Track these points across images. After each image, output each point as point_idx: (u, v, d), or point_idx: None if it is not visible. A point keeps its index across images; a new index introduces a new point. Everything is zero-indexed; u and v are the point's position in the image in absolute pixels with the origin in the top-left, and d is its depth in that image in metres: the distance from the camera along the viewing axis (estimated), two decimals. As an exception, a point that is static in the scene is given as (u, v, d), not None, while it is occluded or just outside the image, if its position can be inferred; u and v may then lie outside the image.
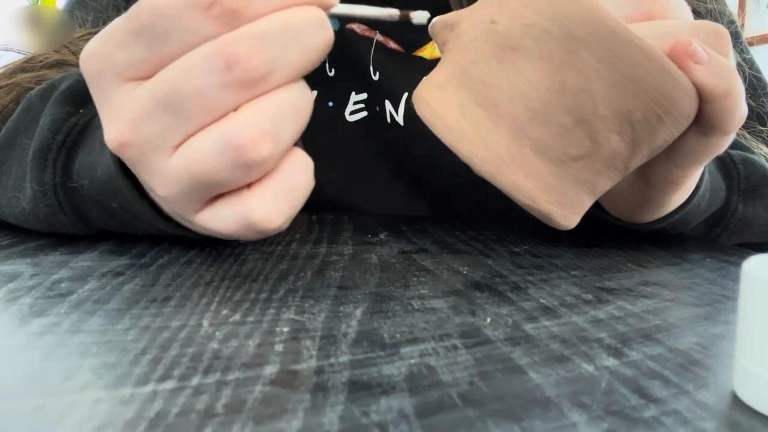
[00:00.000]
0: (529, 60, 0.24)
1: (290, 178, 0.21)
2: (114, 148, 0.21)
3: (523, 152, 0.25)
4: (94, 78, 0.21)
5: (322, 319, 0.20)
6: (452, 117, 0.25)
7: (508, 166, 0.25)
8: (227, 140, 0.19)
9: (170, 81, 0.20)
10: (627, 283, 0.27)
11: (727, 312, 0.23)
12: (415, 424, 0.13)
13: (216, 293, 0.22)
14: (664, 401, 0.15)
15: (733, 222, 0.37)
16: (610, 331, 0.20)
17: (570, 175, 0.25)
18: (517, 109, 0.24)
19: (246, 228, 0.21)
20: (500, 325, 0.20)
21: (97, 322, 0.19)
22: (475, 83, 0.25)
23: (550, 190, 0.25)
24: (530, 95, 0.24)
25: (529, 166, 0.25)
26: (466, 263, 0.29)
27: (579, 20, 0.23)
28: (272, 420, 0.13)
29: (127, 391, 0.14)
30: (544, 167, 0.25)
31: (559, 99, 0.24)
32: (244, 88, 0.20)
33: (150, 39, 0.20)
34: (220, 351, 0.17)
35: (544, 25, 0.24)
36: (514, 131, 0.25)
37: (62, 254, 0.27)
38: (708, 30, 0.25)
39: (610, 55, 0.23)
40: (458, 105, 0.25)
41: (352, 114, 0.49)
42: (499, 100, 0.25)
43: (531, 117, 0.24)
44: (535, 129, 0.24)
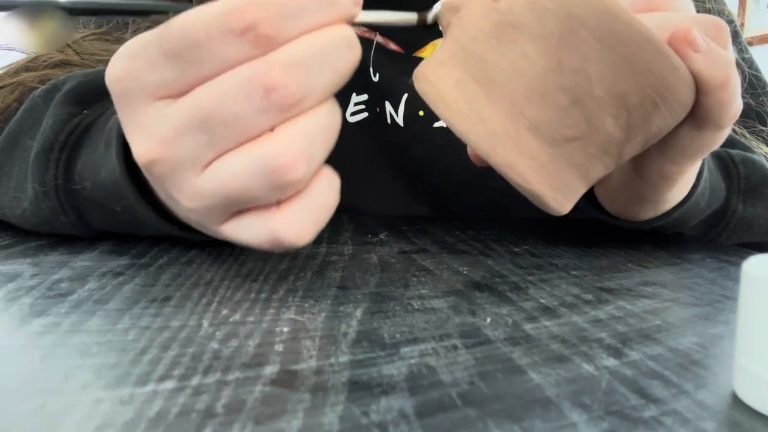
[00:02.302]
0: (529, 38, 0.24)
1: (319, 197, 0.22)
2: (143, 165, 0.21)
3: (518, 131, 0.25)
4: (123, 97, 0.21)
5: (322, 319, 0.20)
6: (450, 93, 0.25)
7: (503, 144, 0.25)
8: (265, 163, 0.20)
9: (205, 103, 0.20)
10: (627, 283, 0.27)
11: (727, 312, 0.23)
12: (415, 424, 0.13)
13: (216, 293, 0.22)
14: (664, 401, 0.15)
15: (733, 222, 0.37)
16: (610, 331, 0.20)
17: (564, 158, 0.25)
18: (515, 87, 0.24)
19: (273, 244, 0.21)
20: (500, 325, 0.20)
21: (97, 322, 0.19)
22: (474, 60, 0.25)
23: (544, 172, 0.25)
24: (528, 74, 0.24)
25: (524, 144, 0.25)
26: (466, 263, 0.29)
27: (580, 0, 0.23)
28: (272, 420, 0.13)
29: (127, 391, 0.14)
30: (538, 147, 0.25)
31: (556, 78, 0.24)
32: (281, 112, 0.20)
33: (182, 61, 0.20)
34: (220, 351, 0.17)
35: (545, 4, 0.23)
36: (511, 109, 0.25)
37: (62, 254, 0.27)
38: (707, 22, 0.25)
39: (609, 36, 0.23)
40: (456, 81, 0.25)
41: (353, 115, 0.49)
42: (497, 77, 0.25)
43: (528, 95, 0.24)
44: (532, 108, 0.24)
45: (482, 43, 0.25)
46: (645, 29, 0.23)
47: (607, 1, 0.23)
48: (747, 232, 0.38)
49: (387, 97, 0.48)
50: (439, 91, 0.25)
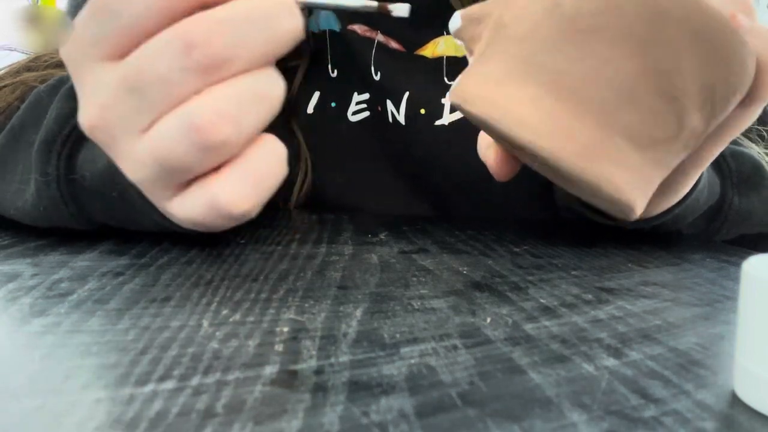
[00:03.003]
0: (610, 41, 0.22)
1: (257, 164, 0.21)
2: (86, 132, 0.21)
3: (612, 140, 0.23)
4: (69, 61, 0.22)
5: (322, 319, 0.20)
6: (527, 112, 0.23)
7: (598, 157, 0.23)
8: (188, 122, 0.19)
9: (135, 65, 0.20)
10: (627, 283, 0.27)
11: (727, 312, 0.23)
12: (415, 424, 0.13)
13: (216, 293, 0.22)
14: (664, 401, 0.15)
15: (731, 215, 0.37)
16: (610, 331, 0.20)
17: (653, 160, 0.24)
18: (603, 95, 0.23)
19: (214, 212, 0.21)
20: (500, 325, 0.20)
21: (97, 322, 0.19)
22: (546, 73, 0.23)
23: (637, 179, 0.24)
24: (616, 79, 0.23)
25: (618, 154, 0.23)
26: (466, 263, 0.29)
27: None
28: (272, 420, 0.13)
29: (127, 391, 0.14)
30: (632, 154, 0.23)
31: (648, 80, 0.23)
32: (205, 73, 0.20)
33: (108, 17, 0.20)
34: (220, 351, 0.17)
35: (620, 2, 0.22)
36: (602, 118, 0.23)
37: (62, 254, 0.27)
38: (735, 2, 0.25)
39: (700, 30, 0.22)
40: (530, 98, 0.23)
41: (355, 114, 0.49)
42: (579, 87, 0.23)
43: (618, 102, 0.23)
44: (624, 114, 0.23)
45: (553, 54, 0.23)
46: (727, 20, 0.22)
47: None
48: (746, 223, 0.37)
49: (388, 95, 0.48)
50: (512, 113, 0.23)
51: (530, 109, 0.23)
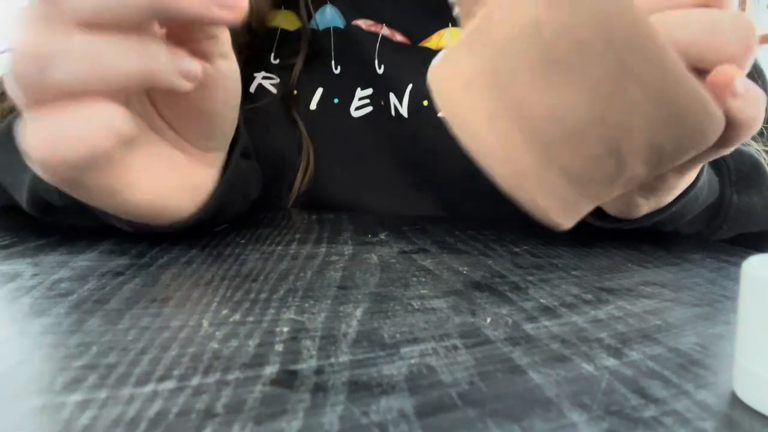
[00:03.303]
0: (574, 83, 0.22)
1: (72, 116, 0.21)
2: None
3: (548, 173, 0.24)
4: None
5: (322, 319, 0.20)
6: (479, 126, 0.23)
7: (530, 183, 0.24)
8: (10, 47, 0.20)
9: None
10: (627, 283, 0.27)
11: (727, 312, 0.23)
12: (415, 424, 0.13)
13: (216, 293, 0.22)
14: (664, 401, 0.15)
15: (731, 213, 0.37)
16: (610, 331, 0.20)
17: (587, 194, 0.25)
18: (552, 132, 0.23)
19: (25, 145, 0.21)
20: (500, 325, 0.20)
21: (97, 322, 0.19)
22: (509, 93, 0.23)
23: (566, 207, 0.24)
24: (569, 120, 0.23)
25: (550, 184, 0.24)
26: (466, 263, 0.29)
27: (637, 52, 0.22)
28: (272, 420, 0.13)
29: (127, 391, 0.14)
30: (565, 187, 0.24)
31: (597, 129, 0.23)
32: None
33: None
34: (220, 351, 0.17)
35: (598, 48, 0.22)
36: (544, 152, 0.24)
37: (62, 254, 0.27)
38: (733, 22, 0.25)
39: (662, 95, 0.22)
40: (488, 114, 0.23)
41: (358, 110, 0.49)
42: (533, 118, 0.23)
43: (564, 141, 0.23)
44: (566, 153, 0.23)
45: (520, 76, 0.23)
46: (697, 87, 0.22)
47: (668, 57, 0.22)
48: (747, 220, 0.37)
49: (391, 88, 0.48)
50: (464, 121, 0.24)
51: (484, 124, 0.23)
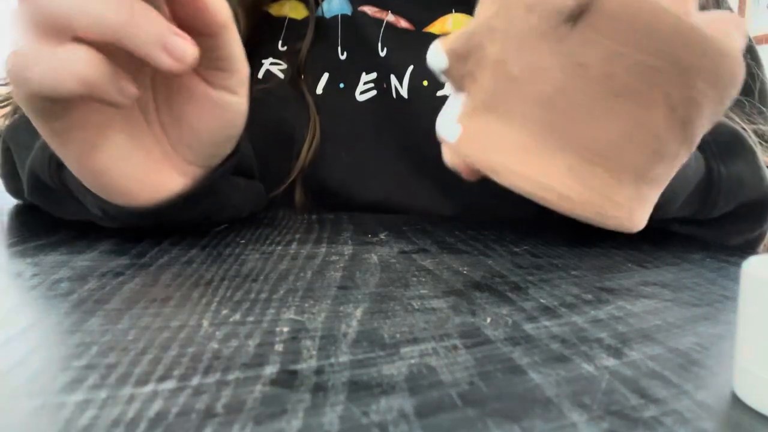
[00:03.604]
0: (643, 103, 0.22)
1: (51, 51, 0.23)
2: None
3: (641, 191, 0.24)
4: None
5: (322, 319, 0.20)
6: (564, 183, 0.23)
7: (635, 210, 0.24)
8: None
9: None
10: (627, 283, 0.27)
11: (727, 312, 0.23)
12: (415, 424, 0.13)
13: (216, 293, 0.22)
14: (664, 401, 0.15)
15: (723, 185, 0.36)
16: (610, 331, 0.20)
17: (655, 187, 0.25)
18: (640, 156, 0.23)
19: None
20: (500, 325, 0.20)
21: (97, 322, 0.19)
22: (579, 139, 0.22)
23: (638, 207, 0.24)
24: (648, 138, 0.23)
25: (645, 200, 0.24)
26: (466, 263, 0.29)
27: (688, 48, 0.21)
28: (272, 420, 0.13)
29: (127, 391, 0.14)
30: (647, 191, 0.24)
31: (679, 133, 0.23)
32: None
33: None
34: (220, 351, 0.17)
35: (651, 62, 0.21)
36: (638, 177, 0.23)
37: (62, 254, 0.27)
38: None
39: (718, 77, 0.22)
40: (567, 168, 0.23)
41: (362, 93, 0.50)
42: (615, 152, 0.23)
43: (652, 158, 0.23)
44: (655, 168, 0.23)
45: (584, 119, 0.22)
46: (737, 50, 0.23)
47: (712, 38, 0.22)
48: (740, 190, 0.37)
49: (392, 70, 0.49)
50: (546, 186, 0.23)
51: (568, 180, 0.23)
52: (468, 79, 0.24)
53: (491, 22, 0.24)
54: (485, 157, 0.23)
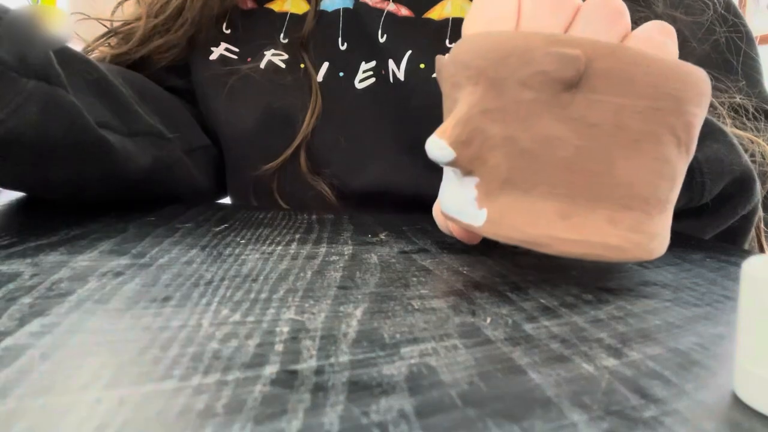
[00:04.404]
0: (654, 141, 0.23)
1: None
2: None
3: (668, 216, 0.25)
4: None
5: (322, 319, 0.20)
6: (612, 235, 0.23)
7: (666, 236, 0.26)
8: None
9: None
10: (627, 283, 0.27)
11: (727, 312, 0.23)
12: (415, 424, 0.13)
13: (216, 293, 0.22)
14: (664, 401, 0.15)
15: (703, 166, 0.36)
16: (610, 331, 0.20)
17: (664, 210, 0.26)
18: (664, 187, 0.24)
19: None
20: (500, 325, 0.20)
21: (97, 322, 0.19)
22: (609, 190, 0.23)
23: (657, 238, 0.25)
24: (666, 170, 0.24)
25: (669, 223, 0.26)
26: (466, 263, 0.29)
27: (676, 81, 0.23)
28: (272, 420, 0.13)
29: (126, 391, 0.14)
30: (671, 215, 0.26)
31: (685, 155, 0.25)
32: None
33: None
34: (220, 351, 0.17)
35: (653, 104, 0.23)
36: (664, 206, 0.25)
37: (62, 254, 0.27)
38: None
39: (701, 96, 0.24)
40: (608, 221, 0.23)
41: (361, 82, 0.51)
42: (643, 191, 0.24)
43: (672, 185, 0.25)
44: (674, 192, 0.25)
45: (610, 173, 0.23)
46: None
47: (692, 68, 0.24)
48: (723, 168, 0.36)
49: (391, 56, 0.50)
50: (597, 244, 0.23)
51: (611, 230, 0.23)
52: (476, 163, 0.24)
53: (483, 104, 0.24)
54: (524, 233, 0.23)
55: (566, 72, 0.22)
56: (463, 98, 0.25)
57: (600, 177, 0.23)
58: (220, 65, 0.54)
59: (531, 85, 0.23)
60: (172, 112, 0.52)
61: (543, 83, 0.23)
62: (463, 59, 0.25)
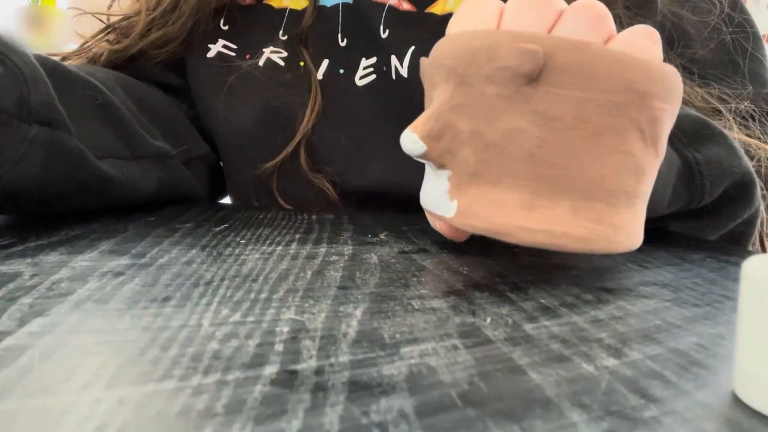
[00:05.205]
0: (617, 134, 0.24)
1: None
2: None
3: (636, 209, 0.25)
4: None
5: (322, 319, 0.20)
6: (574, 225, 0.24)
7: (635, 230, 0.26)
8: None
9: None
10: (627, 283, 0.27)
11: (727, 312, 0.23)
12: (415, 424, 0.13)
13: (216, 293, 0.22)
14: (664, 401, 0.15)
15: (703, 168, 0.36)
16: (610, 331, 0.20)
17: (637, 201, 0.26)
18: (628, 180, 0.24)
19: None
20: (500, 325, 0.20)
21: (97, 322, 0.19)
22: (572, 182, 0.24)
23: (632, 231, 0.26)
24: (630, 162, 0.24)
25: (639, 216, 0.26)
26: (466, 263, 0.29)
27: (638, 76, 0.23)
28: (272, 420, 0.13)
29: (126, 391, 0.14)
30: (643, 209, 0.26)
31: (651, 149, 0.25)
32: None
33: None
34: (220, 351, 0.17)
35: (614, 98, 0.23)
36: (630, 199, 0.25)
37: (62, 254, 0.27)
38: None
39: (668, 91, 0.24)
40: (571, 211, 0.24)
41: (362, 78, 0.51)
42: (606, 184, 0.24)
43: (638, 178, 0.25)
44: (640, 186, 0.25)
45: (575, 164, 0.24)
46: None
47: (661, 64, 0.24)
48: (722, 171, 0.36)
49: (393, 51, 0.50)
50: (560, 234, 0.24)
51: (573, 221, 0.24)
52: (447, 157, 0.25)
53: (453, 100, 0.25)
54: (490, 223, 0.24)
55: (525, 66, 0.23)
56: (436, 95, 0.26)
57: (563, 169, 0.24)
58: (217, 62, 0.53)
59: (496, 80, 0.23)
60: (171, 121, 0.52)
61: (506, 78, 0.23)
62: (438, 58, 0.26)
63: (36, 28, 1.34)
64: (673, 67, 0.25)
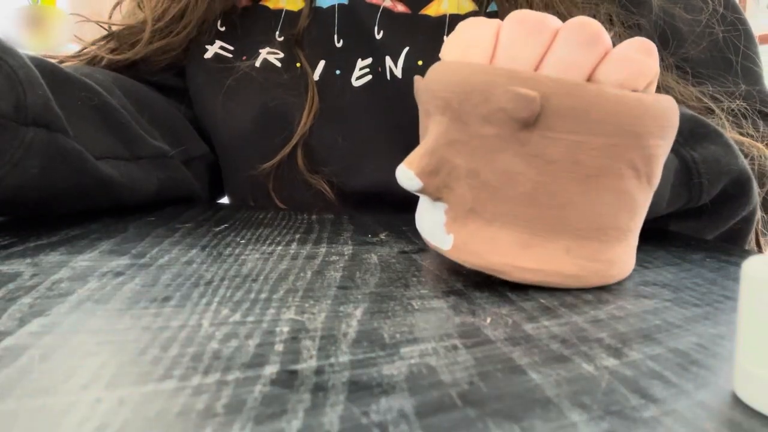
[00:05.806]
0: (612, 175, 0.24)
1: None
2: None
3: (628, 243, 0.26)
4: None
5: (322, 319, 0.20)
6: (567, 264, 0.24)
7: (627, 261, 0.26)
8: None
9: None
10: (627, 283, 0.27)
11: (727, 312, 0.23)
12: (415, 424, 0.13)
13: (216, 293, 0.22)
14: (664, 401, 0.15)
15: (700, 167, 0.36)
16: (610, 331, 0.20)
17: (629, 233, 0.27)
18: (622, 217, 0.25)
19: None
20: (500, 325, 0.20)
21: (97, 322, 0.19)
22: (567, 222, 0.24)
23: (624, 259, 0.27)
24: (624, 201, 0.25)
25: (631, 248, 0.27)
26: (466, 263, 0.29)
27: (633, 117, 0.23)
28: (272, 420, 0.13)
29: (126, 391, 0.14)
30: (635, 240, 0.27)
31: (646, 186, 0.25)
32: None
33: None
34: (220, 351, 0.17)
35: (609, 141, 0.23)
36: (623, 234, 0.25)
37: (62, 254, 0.27)
38: None
39: (664, 128, 0.25)
40: (565, 251, 0.24)
41: (358, 79, 0.51)
42: (601, 222, 0.24)
43: (631, 215, 0.25)
44: (633, 220, 0.26)
45: (566, 206, 0.24)
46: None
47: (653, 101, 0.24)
48: (720, 169, 0.36)
49: (388, 52, 0.50)
50: (553, 272, 0.24)
51: (567, 260, 0.24)
52: (444, 191, 0.25)
53: (448, 135, 0.25)
54: (485, 260, 0.25)
55: (522, 112, 0.23)
56: (432, 127, 0.26)
57: (558, 210, 0.24)
58: (215, 63, 0.54)
59: (492, 121, 0.24)
60: (170, 122, 0.52)
61: (503, 120, 0.23)
62: (433, 88, 0.26)
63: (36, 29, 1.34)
64: (670, 97, 0.25)
